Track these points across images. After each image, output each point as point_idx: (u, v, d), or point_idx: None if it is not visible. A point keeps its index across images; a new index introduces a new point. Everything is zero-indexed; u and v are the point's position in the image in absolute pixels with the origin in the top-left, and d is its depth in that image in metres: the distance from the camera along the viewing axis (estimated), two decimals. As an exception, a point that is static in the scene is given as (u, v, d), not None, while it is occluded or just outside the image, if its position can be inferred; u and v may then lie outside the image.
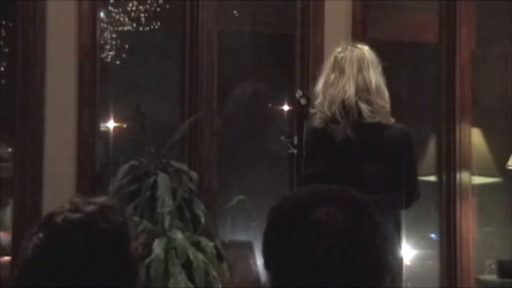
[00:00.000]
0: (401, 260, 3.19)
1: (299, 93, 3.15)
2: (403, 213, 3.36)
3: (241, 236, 4.63)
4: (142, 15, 4.57)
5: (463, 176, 4.76)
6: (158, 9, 4.63)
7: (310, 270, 1.35)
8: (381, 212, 1.46)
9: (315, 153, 3.18)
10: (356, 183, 2.71)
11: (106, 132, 4.45)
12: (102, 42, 4.40)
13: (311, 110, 3.22)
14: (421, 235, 4.95)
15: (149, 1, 4.60)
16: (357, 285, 1.34)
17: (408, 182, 3.27)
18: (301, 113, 3.11)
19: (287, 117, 4.74)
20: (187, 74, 4.41)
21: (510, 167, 4.70)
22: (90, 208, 1.60)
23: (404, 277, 3.13)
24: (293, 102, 4.55)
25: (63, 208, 1.61)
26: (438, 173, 4.85)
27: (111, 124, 4.48)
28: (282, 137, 3.20)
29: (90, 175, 4.15)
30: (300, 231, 1.36)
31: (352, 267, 1.34)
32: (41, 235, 1.59)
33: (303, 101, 3.11)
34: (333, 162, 3.26)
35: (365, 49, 3.42)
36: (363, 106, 3.26)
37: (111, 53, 4.51)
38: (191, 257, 3.80)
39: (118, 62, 4.53)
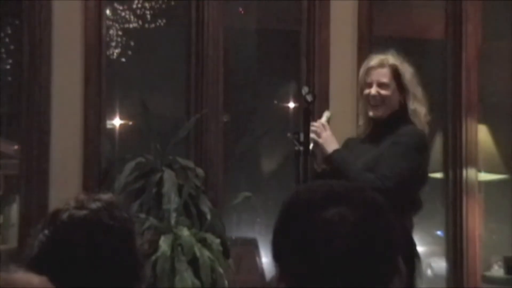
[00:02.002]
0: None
1: (305, 90, 3.15)
2: None
3: (247, 233, 4.64)
4: (148, 12, 4.57)
5: (470, 173, 4.75)
6: (164, 6, 4.63)
7: (317, 270, 1.34)
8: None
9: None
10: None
11: (112, 129, 4.46)
12: (107, 39, 4.40)
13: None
14: (427, 232, 4.94)
15: (154, -2, 4.61)
16: (366, 286, 1.34)
17: None
18: (307, 109, 3.12)
19: (293, 114, 4.74)
20: (193, 71, 4.41)
21: (517, 164, 4.70)
22: (95, 205, 1.61)
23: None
24: (299, 99, 4.55)
25: (69, 205, 1.61)
26: (444, 170, 4.84)
27: (117, 121, 4.48)
28: (289, 134, 3.21)
29: (96, 172, 4.16)
30: (311, 229, 1.35)
31: (361, 269, 1.33)
32: (46, 232, 1.60)
33: (309, 98, 3.11)
34: None
35: None
36: None
37: (117, 50, 4.51)
38: (197, 253, 3.80)
39: (123, 60, 4.54)
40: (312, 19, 4.55)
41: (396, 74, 3.29)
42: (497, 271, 4.70)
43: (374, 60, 3.34)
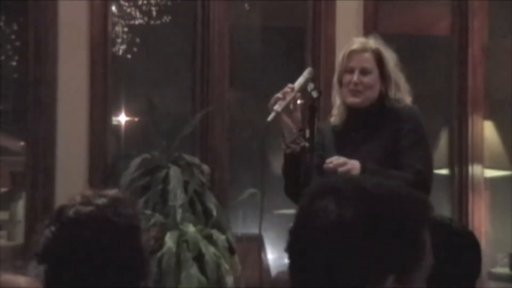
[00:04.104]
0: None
1: (310, 86, 3.13)
2: None
3: (253, 229, 4.64)
4: (153, 8, 4.57)
5: (475, 169, 4.75)
6: (169, 3, 4.63)
7: (300, 261, 1.34)
8: None
9: None
10: None
11: (118, 126, 4.46)
12: (113, 36, 4.40)
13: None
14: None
15: (160, -5, 4.61)
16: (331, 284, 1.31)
17: None
18: (312, 106, 3.10)
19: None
20: (199, 67, 4.41)
21: (523, 160, 4.69)
22: (101, 201, 1.61)
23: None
24: (304, 95, 4.54)
25: (75, 201, 1.62)
26: (450, 166, 4.84)
27: (122, 118, 4.49)
28: (294, 130, 3.19)
29: (102, 168, 4.16)
30: (299, 220, 1.35)
31: (334, 264, 1.30)
32: (53, 228, 1.60)
33: (314, 94, 3.09)
34: None
35: None
36: None
37: (123, 47, 4.52)
38: (203, 250, 3.81)
39: (129, 56, 4.54)
40: (318, 16, 4.55)
41: (379, 60, 3.12)
42: (503, 267, 4.69)
43: (356, 43, 3.16)
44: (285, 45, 4.96)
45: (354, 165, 2.96)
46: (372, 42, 3.18)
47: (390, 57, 3.15)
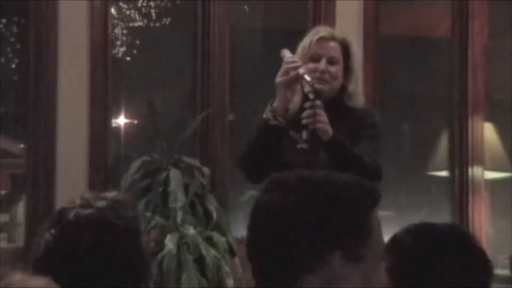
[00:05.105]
0: None
1: (307, 88, 3.11)
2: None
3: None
4: (153, 11, 4.57)
5: (476, 171, 4.75)
6: (169, 4, 4.63)
7: (255, 254, 1.41)
8: None
9: None
10: None
11: (118, 128, 4.46)
12: (113, 38, 4.40)
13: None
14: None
15: (160, -3, 4.61)
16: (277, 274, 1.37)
17: None
18: (310, 107, 3.08)
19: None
20: (199, 69, 4.41)
21: (523, 162, 4.69)
22: (101, 203, 1.61)
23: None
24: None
25: (75, 203, 1.62)
26: (450, 168, 4.84)
27: (122, 120, 4.49)
28: (291, 132, 3.16)
29: (102, 170, 4.16)
30: (251, 216, 1.43)
31: (282, 249, 1.37)
32: (53, 231, 1.60)
33: (311, 96, 3.08)
34: None
35: None
36: None
37: (122, 49, 4.51)
38: (203, 252, 3.81)
39: (129, 58, 4.54)
40: (318, 17, 4.55)
41: (345, 51, 3.04)
42: (504, 269, 4.69)
43: (324, 31, 3.09)
44: (286, 47, 4.95)
45: (329, 127, 2.91)
46: (339, 33, 3.11)
47: (356, 51, 3.09)
